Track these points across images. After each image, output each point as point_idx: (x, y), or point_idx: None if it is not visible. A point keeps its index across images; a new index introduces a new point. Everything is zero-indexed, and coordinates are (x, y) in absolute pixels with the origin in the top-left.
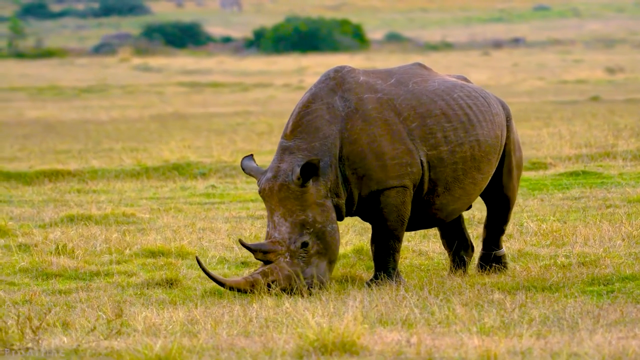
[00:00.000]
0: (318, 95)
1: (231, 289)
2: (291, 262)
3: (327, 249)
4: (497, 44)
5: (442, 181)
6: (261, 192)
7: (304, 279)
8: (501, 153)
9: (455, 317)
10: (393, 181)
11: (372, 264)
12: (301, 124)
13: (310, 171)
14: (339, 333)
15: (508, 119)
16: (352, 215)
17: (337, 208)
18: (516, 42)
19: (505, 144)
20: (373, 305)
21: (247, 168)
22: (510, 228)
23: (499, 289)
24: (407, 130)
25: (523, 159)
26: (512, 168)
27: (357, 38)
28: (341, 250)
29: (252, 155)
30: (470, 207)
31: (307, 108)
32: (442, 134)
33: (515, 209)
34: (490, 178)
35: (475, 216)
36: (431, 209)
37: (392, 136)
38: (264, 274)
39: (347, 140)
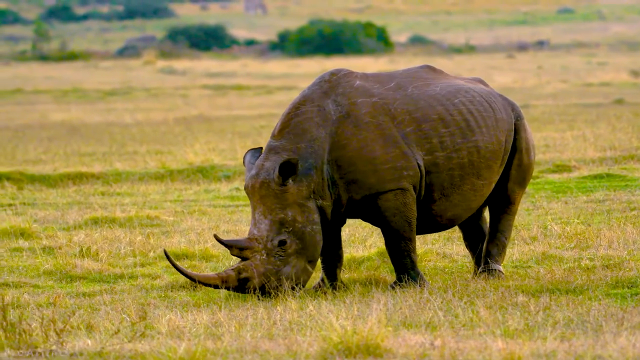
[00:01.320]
0: (310, 97)
1: (202, 284)
2: (267, 260)
3: (306, 249)
4: (522, 47)
5: (437, 187)
6: (245, 188)
7: (281, 277)
8: (507, 157)
9: (479, 319)
10: (388, 184)
11: None
12: (289, 125)
13: (288, 170)
14: (362, 336)
15: (518, 119)
16: (341, 217)
17: (321, 210)
18: (540, 44)
19: (516, 142)
20: (397, 307)
21: (245, 162)
22: (534, 230)
23: (523, 291)
24: (403, 134)
25: (549, 161)
26: (522, 165)
27: (381, 41)
28: (365, 253)
29: (260, 148)
30: (480, 212)
31: (297, 109)
32: (437, 139)
33: (539, 212)
34: (494, 184)
35: None
36: (429, 214)
37: (384, 141)
38: (238, 271)
39: (336, 144)
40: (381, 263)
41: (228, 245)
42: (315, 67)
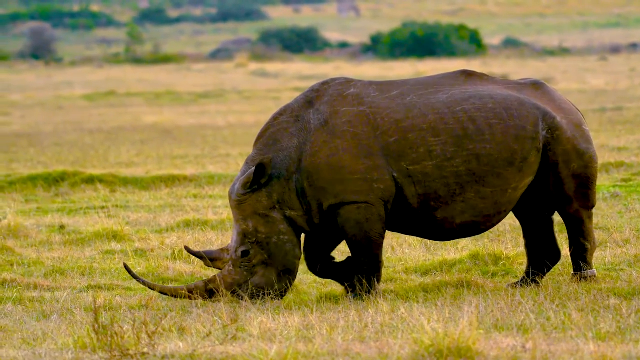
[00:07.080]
0: (290, 107)
1: (172, 296)
2: (234, 271)
3: (274, 259)
4: (615, 49)
5: (433, 195)
6: None
7: (249, 287)
8: (528, 165)
9: (571, 322)
10: (354, 196)
11: (489, 269)
12: (264, 136)
13: (262, 172)
14: (454, 338)
15: (549, 132)
16: (317, 228)
17: (291, 220)
18: (634, 47)
19: (547, 158)
20: (489, 310)
21: None
22: (626, 233)
23: (615, 294)
24: (383, 145)
25: (624, 166)
26: (564, 181)
27: (474, 43)
28: (457, 256)
29: None
30: (541, 217)
31: (275, 120)
32: (425, 148)
33: (631, 214)
34: (515, 191)
35: None
36: (435, 221)
37: (358, 151)
38: (208, 281)
39: (308, 152)
40: (473, 265)
41: (199, 256)
42: (408, 70)
